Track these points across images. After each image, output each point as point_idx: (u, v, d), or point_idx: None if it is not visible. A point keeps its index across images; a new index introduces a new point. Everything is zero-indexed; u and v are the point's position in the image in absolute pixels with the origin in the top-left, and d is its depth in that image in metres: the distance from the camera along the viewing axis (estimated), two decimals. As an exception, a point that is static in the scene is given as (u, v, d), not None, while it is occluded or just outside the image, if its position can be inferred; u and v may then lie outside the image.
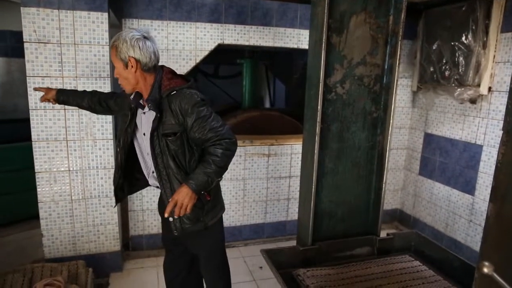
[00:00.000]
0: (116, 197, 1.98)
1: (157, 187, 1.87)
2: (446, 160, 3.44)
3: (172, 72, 1.82)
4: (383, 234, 2.64)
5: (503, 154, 0.94)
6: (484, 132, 3.03)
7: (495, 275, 0.87)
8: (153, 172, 1.85)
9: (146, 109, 1.76)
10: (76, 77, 2.60)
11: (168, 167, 1.72)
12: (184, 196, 1.61)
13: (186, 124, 1.68)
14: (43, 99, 2.13)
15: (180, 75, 1.84)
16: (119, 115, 2.00)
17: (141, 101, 1.79)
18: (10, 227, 3.61)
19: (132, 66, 1.68)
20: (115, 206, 2.10)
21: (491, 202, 0.98)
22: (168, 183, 1.74)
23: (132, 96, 1.78)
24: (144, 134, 1.80)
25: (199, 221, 1.81)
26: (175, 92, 1.69)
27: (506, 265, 0.91)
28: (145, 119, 1.78)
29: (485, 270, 0.88)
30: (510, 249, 0.94)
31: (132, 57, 1.66)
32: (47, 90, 2.12)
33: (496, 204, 0.96)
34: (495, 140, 2.93)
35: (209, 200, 1.82)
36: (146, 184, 2.00)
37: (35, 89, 2.20)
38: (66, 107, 2.61)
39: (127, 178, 1.97)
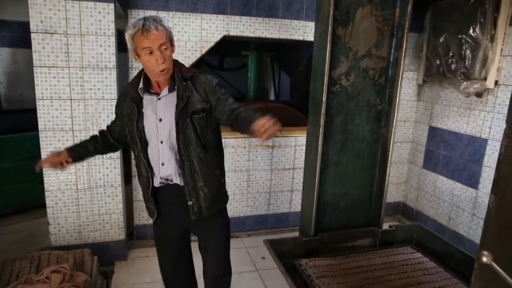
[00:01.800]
0: (156, 205, 1.89)
1: (166, 179, 1.84)
2: (450, 154, 3.43)
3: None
4: (385, 226, 2.66)
5: (505, 147, 0.95)
6: (490, 126, 3.02)
7: (494, 264, 0.88)
8: (162, 165, 1.81)
9: (165, 92, 1.76)
10: (82, 67, 2.62)
11: (190, 145, 1.76)
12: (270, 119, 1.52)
13: (210, 102, 1.79)
14: (56, 166, 1.85)
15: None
16: (128, 126, 1.85)
17: (152, 90, 1.80)
18: (19, 215, 3.67)
19: (173, 48, 1.78)
20: (154, 219, 1.95)
21: (492, 194, 0.99)
22: (189, 164, 1.77)
23: (140, 86, 1.78)
24: (160, 120, 1.77)
25: (216, 203, 1.89)
26: (197, 74, 1.81)
27: (506, 255, 0.92)
28: (162, 105, 1.77)
29: (484, 259, 0.89)
30: (510, 240, 0.95)
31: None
32: (55, 156, 1.86)
33: (498, 196, 0.97)
34: (500, 134, 2.92)
35: (224, 182, 1.96)
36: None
37: (44, 166, 1.87)
38: (73, 96, 2.64)
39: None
